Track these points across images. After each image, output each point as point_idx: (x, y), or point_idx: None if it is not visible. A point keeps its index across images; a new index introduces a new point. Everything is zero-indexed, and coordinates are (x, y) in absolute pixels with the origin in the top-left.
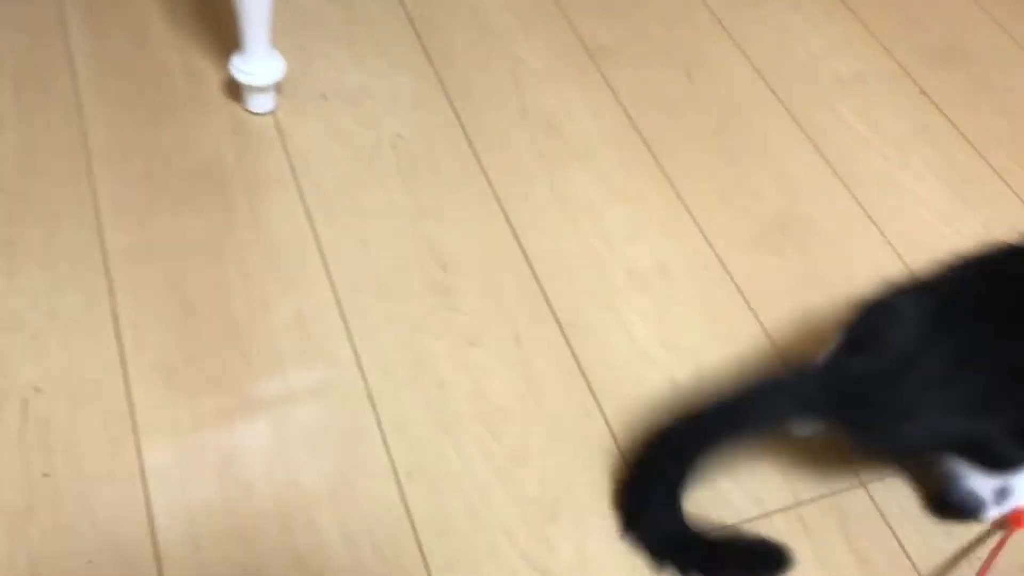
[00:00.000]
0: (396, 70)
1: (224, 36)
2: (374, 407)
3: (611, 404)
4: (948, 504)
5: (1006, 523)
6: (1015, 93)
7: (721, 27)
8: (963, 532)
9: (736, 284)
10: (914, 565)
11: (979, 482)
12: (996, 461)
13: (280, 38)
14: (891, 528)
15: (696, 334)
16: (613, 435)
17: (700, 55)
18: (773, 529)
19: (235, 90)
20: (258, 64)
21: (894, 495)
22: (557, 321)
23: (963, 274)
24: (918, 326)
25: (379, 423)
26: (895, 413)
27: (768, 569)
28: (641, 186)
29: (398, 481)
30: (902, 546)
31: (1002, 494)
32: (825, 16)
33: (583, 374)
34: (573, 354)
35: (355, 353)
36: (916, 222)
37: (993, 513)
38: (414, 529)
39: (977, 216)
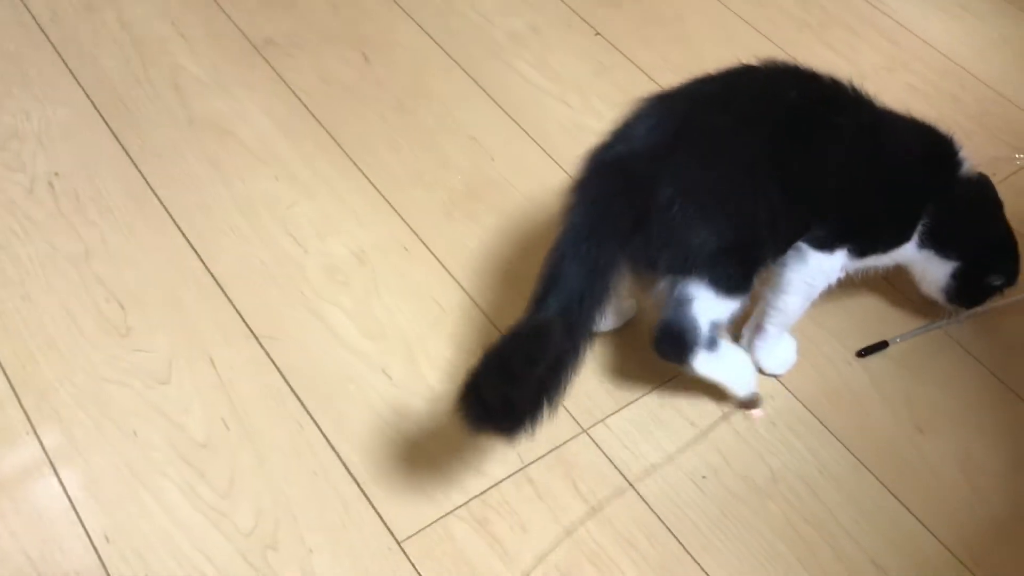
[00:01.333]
0: (44, 103)
1: None
2: (58, 476)
3: (324, 412)
4: (667, 334)
5: None
6: (684, 21)
7: (392, 1)
8: (679, 451)
9: (438, 259)
10: (641, 496)
11: (702, 308)
12: (729, 274)
13: None
14: (615, 466)
15: (404, 318)
16: (330, 444)
17: (375, 33)
18: (504, 498)
19: None
20: None
21: (615, 435)
22: (255, 336)
23: (708, 84)
24: (669, 121)
25: (66, 492)
26: (659, 195)
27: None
28: (328, 177)
29: (96, 550)
30: (628, 481)
31: (714, 336)
32: None
33: (289, 386)
34: (276, 367)
35: (29, 422)
36: None
37: (700, 359)
38: None
39: None
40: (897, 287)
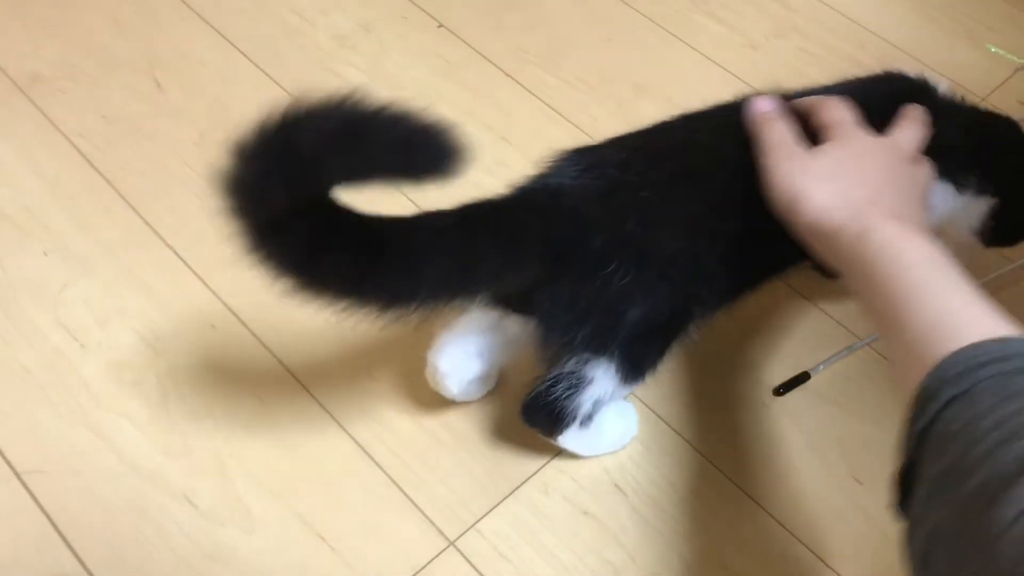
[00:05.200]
0: None
1: None
2: None
3: (108, 566)
4: (544, 410)
5: None
6: (542, 2)
7: (189, 10)
8: (572, 552)
9: (255, 335)
10: None
11: (595, 392)
12: (650, 359)
13: None
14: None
15: (212, 422)
16: None
17: (169, 53)
18: None
19: None
20: None
21: (490, 542)
22: (15, 473)
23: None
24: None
25: None
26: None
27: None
28: (112, 244)
29: None
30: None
31: (593, 412)
32: None
33: (61, 536)
34: (44, 512)
35: None
36: (462, 183)
37: (569, 435)
38: None
39: (521, 146)
40: (816, 307)
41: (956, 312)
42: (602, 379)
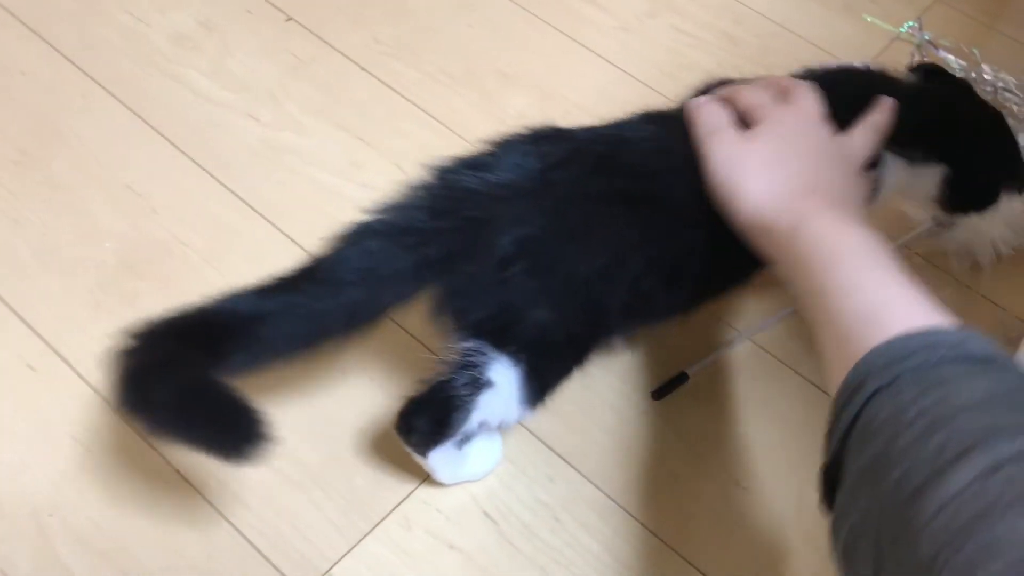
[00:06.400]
0: None
1: None
2: None
3: None
4: (433, 416)
5: None
6: None
7: (6, 12)
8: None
9: (79, 374)
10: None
11: (492, 403)
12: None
13: None
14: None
15: (29, 477)
16: None
17: None
18: None
19: None
20: None
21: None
22: None
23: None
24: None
25: None
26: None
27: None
28: None
29: None
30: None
31: (475, 432)
32: None
33: None
34: None
35: None
36: (312, 190)
37: (439, 453)
38: None
39: (378, 146)
40: None
41: (885, 304)
42: (501, 386)
